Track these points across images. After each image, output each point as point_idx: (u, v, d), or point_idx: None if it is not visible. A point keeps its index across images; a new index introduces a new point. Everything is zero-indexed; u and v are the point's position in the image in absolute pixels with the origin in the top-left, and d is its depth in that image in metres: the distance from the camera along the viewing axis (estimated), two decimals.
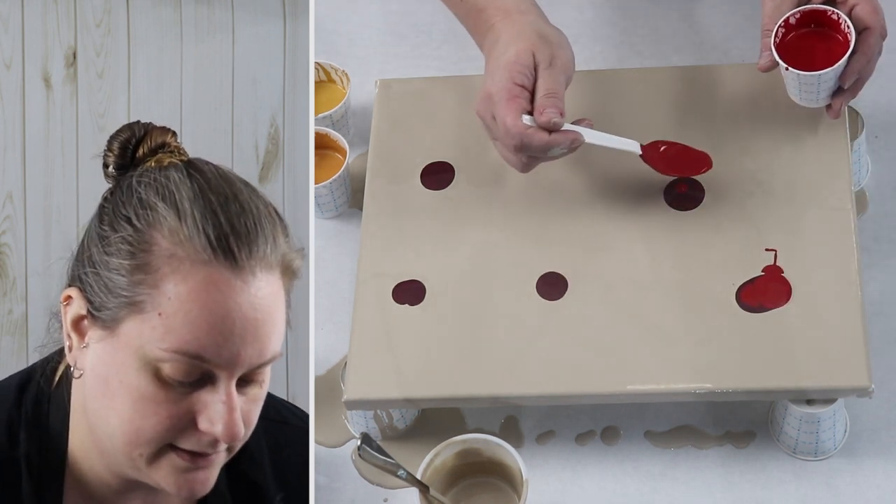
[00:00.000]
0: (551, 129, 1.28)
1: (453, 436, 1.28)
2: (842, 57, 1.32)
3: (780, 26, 1.34)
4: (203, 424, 0.96)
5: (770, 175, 1.39)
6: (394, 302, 1.36)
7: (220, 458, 0.99)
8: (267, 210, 0.98)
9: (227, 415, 0.95)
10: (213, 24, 1.63)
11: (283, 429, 1.12)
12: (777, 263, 1.33)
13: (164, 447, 0.97)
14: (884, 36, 1.34)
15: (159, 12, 1.61)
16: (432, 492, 1.26)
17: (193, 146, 1.02)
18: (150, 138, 1.01)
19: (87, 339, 0.98)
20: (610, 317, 1.32)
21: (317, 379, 1.42)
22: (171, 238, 0.95)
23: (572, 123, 1.32)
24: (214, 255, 0.94)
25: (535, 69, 1.30)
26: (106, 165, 1.02)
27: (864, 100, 1.51)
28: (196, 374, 0.95)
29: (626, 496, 1.32)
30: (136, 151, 1.01)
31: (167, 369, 0.94)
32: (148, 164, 1.00)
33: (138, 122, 1.03)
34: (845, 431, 1.33)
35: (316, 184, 1.49)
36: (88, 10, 1.61)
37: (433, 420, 1.39)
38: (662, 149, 1.38)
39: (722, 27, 1.62)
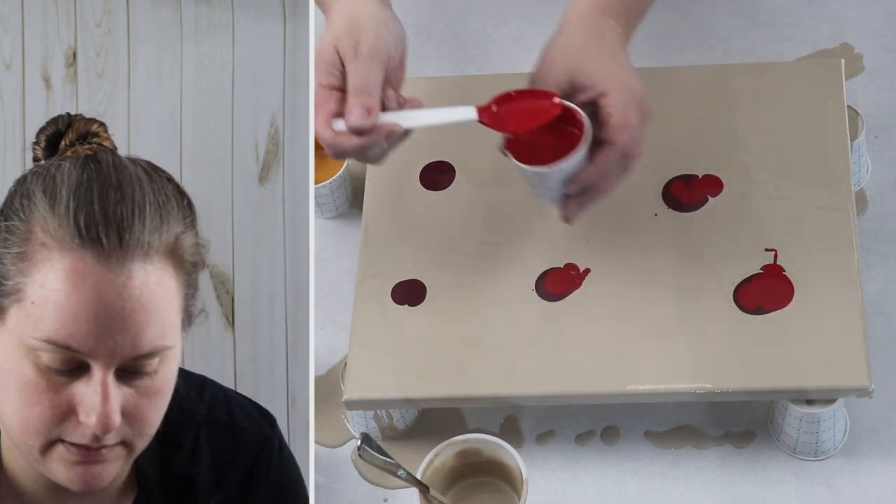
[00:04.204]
0: (360, 131, 1.17)
1: (453, 436, 1.28)
2: (570, 156, 1.18)
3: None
4: (81, 415, 0.95)
5: (770, 175, 1.39)
6: (393, 302, 1.36)
7: (115, 454, 0.98)
8: (165, 197, 0.97)
9: (101, 406, 0.94)
10: (213, 24, 1.62)
11: (230, 431, 1.12)
12: (777, 263, 1.33)
13: (56, 440, 0.96)
14: (628, 157, 1.19)
15: (159, 12, 1.61)
16: (432, 492, 1.26)
17: (193, 146, 1.02)
18: (74, 129, 1.01)
19: None
20: (610, 317, 1.32)
21: (317, 379, 1.42)
22: (43, 226, 0.94)
23: (400, 104, 1.21)
24: (82, 243, 0.93)
25: (342, 63, 1.21)
26: (36, 159, 1.02)
27: (864, 100, 1.51)
28: (72, 363, 0.94)
29: (626, 496, 1.32)
30: (59, 143, 1.01)
31: (44, 358, 0.94)
32: (67, 154, 1.00)
33: (67, 113, 1.03)
34: (845, 431, 1.33)
35: (316, 184, 1.49)
36: (88, 10, 1.61)
37: (433, 420, 1.38)
38: (495, 108, 1.22)
39: (722, 27, 1.62)
